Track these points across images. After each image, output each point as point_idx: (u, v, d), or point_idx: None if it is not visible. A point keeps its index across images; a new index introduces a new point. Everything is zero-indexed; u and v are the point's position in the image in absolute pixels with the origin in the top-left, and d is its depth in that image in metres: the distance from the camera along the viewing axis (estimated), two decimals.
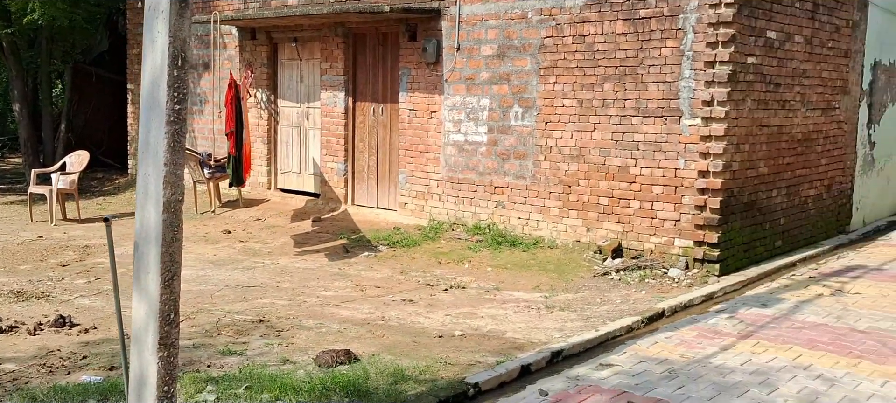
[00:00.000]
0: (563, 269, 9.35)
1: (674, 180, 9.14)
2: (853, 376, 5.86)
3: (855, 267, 9.60)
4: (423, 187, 11.81)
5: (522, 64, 10.37)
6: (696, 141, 8.88)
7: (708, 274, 8.92)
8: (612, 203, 9.68)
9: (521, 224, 10.59)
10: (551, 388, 5.61)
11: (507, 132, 10.65)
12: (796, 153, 10.22)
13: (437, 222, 11.46)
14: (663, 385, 5.66)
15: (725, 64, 8.61)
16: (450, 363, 6.07)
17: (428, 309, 7.82)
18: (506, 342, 6.72)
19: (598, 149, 9.73)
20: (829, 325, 7.18)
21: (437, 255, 10.17)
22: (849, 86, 11.26)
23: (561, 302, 8.06)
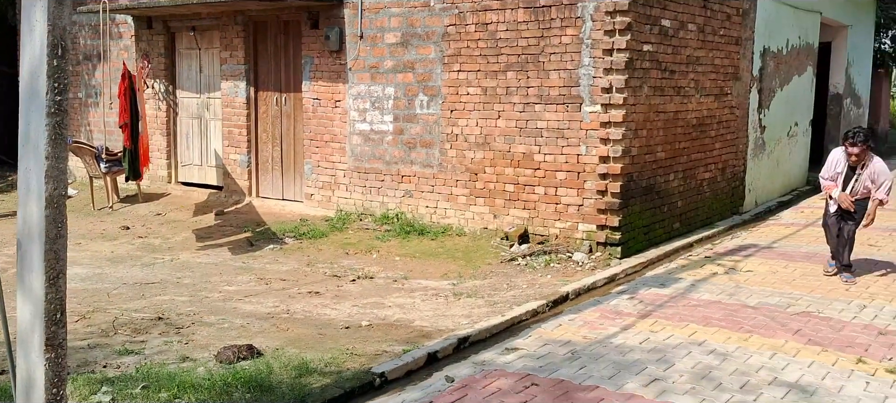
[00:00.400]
0: (471, 256, 9.42)
1: (576, 166, 9.32)
2: (744, 350, 6.11)
3: (747, 247, 10.02)
4: (330, 177, 11.68)
5: (426, 52, 10.37)
6: (597, 127, 9.08)
7: (610, 257, 9.14)
8: (517, 189, 9.80)
9: (429, 212, 10.61)
10: (458, 374, 5.64)
11: (413, 121, 10.63)
12: (691, 138, 10.58)
13: (345, 212, 11.36)
14: (566, 366, 5.77)
15: (622, 52, 8.83)
16: (356, 353, 6.03)
17: (335, 300, 7.75)
18: (413, 330, 6.72)
19: (503, 136, 9.83)
20: (722, 302, 7.47)
21: (344, 246, 10.08)
22: (740, 72, 11.72)
23: (469, 289, 8.11)
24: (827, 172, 8.19)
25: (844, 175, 8.03)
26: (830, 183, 8.15)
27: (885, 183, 7.87)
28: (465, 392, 5.28)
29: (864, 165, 7.90)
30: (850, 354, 6.01)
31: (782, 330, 6.60)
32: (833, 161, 8.13)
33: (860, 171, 7.92)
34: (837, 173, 8.07)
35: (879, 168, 7.89)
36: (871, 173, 7.88)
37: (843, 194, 8.00)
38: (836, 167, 8.08)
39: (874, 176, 7.87)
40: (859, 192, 7.98)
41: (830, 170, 8.14)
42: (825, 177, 8.22)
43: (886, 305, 7.32)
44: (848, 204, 7.96)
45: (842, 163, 8.03)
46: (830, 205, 8.24)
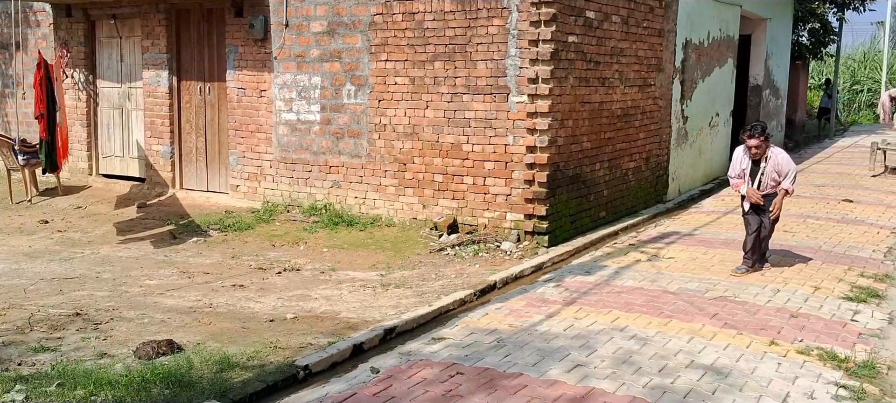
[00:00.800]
0: (400, 247, 9.40)
1: (504, 156, 9.39)
2: (663, 334, 6.26)
3: (670, 234, 10.26)
4: (256, 168, 11.50)
5: (353, 41, 10.29)
6: (524, 117, 9.15)
7: (538, 246, 9.24)
8: (446, 179, 9.82)
9: (357, 203, 10.54)
10: (383, 365, 5.63)
11: (340, 110, 10.54)
12: (616, 128, 10.77)
13: (272, 204, 11.21)
14: (491, 354, 5.82)
15: (548, 42, 8.91)
16: (280, 347, 5.96)
17: (259, 293, 7.64)
18: (340, 322, 6.67)
19: (431, 126, 9.83)
20: (644, 288, 7.64)
21: (271, 238, 9.95)
22: (663, 63, 11.97)
23: (397, 280, 8.09)
24: (733, 170, 8.24)
25: (750, 170, 8.07)
26: (738, 180, 8.21)
27: (789, 173, 7.97)
28: (389, 383, 5.27)
29: (766, 158, 7.98)
30: (764, 336, 6.22)
31: (700, 314, 6.78)
32: (738, 158, 8.18)
33: (764, 164, 7.99)
34: (743, 169, 8.12)
35: (782, 159, 8.00)
36: (775, 165, 7.96)
37: (751, 189, 8.05)
38: (741, 164, 8.13)
39: (779, 167, 7.96)
40: (767, 185, 8.04)
41: (736, 168, 8.19)
42: (732, 175, 8.27)
43: (799, 289, 7.59)
44: (756, 198, 8.03)
45: (746, 158, 8.08)
46: (744, 203, 8.28)
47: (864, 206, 12.25)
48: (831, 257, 8.90)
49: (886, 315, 6.90)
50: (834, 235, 10.08)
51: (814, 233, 10.17)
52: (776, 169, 7.97)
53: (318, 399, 5.05)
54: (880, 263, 8.72)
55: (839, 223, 10.91)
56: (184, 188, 12.44)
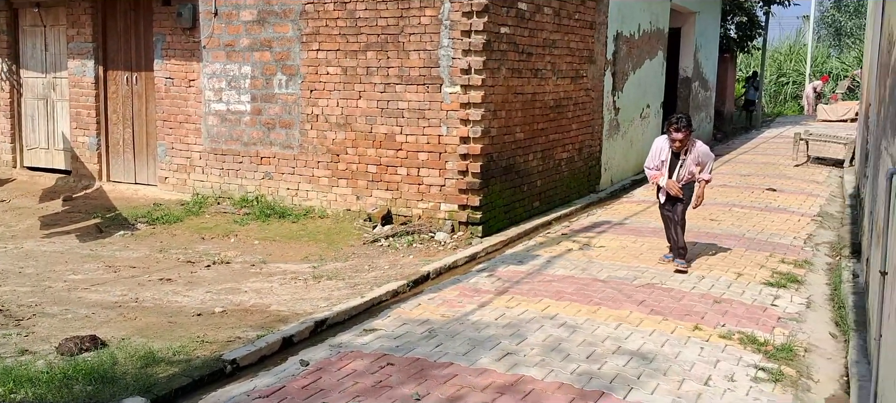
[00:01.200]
0: (334, 238, 9.34)
1: (438, 146, 9.40)
2: (592, 321, 6.36)
3: (602, 223, 10.43)
4: (185, 160, 11.27)
5: (284, 30, 10.15)
6: (457, 108, 9.18)
7: (472, 236, 9.29)
8: (380, 170, 9.79)
9: (290, 194, 10.43)
10: (313, 357, 5.59)
11: (271, 100, 10.40)
12: (549, 119, 10.88)
13: (202, 196, 11.01)
14: (423, 344, 5.83)
15: (480, 33, 8.95)
16: (207, 341, 5.86)
17: (187, 287, 7.50)
18: (270, 315, 6.60)
19: (364, 116, 9.78)
20: (575, 277, 7.75)
21: (200, 230, 9.77)
22: (594, 55, 12.14)
23: (329, 272, 8.04)
24: (652, 162, 8.11)
25: (669, 162, 8.00)
26: (656, 172, 8.08)
27: (708, 163, 8.03)
28: (319, 375, 5.24)
29: (687, 150, 7.94)
30: (688, 322, 6.38)
31: (628, 301, 6.91)
32: (657, 149, 8.07)
33: (684, 157, 7.94)
34: (662, 161, 8.03)
35: (702, 150, 8.00)
36: (695, 157, 7.94)
37: (671, 181, 7.97)
38: (661, 155, 8.04)
39: (699, 159, 7.96)
40: (685, 177, 8.00)
41: (655, 160, 8.07)
42: (650, 166, 8.14)
43: (723, 275, 7.81)
44: (676, 190, 7.95)
45: (665, 150, 8.00)
46: (660, 195, 8.18)
47: (786, 195, 12.65)
48: (754, 244, 9.17)
49: (805, 299, 7.15)
50: (757, 223, 10.39)
51: (738, 222, 10.46)
52: (696, 160, 7.96)
53: (246, 393, 4.99)
54: (800, 249, 9.02)
55: (763, 211, 11.25)
56: (111, 180, 12.13)
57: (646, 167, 8.25)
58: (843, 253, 8.76)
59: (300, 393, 4.95)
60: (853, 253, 8.56)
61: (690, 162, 7.96)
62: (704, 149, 8.05)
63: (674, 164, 8.01)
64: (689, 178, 8.03)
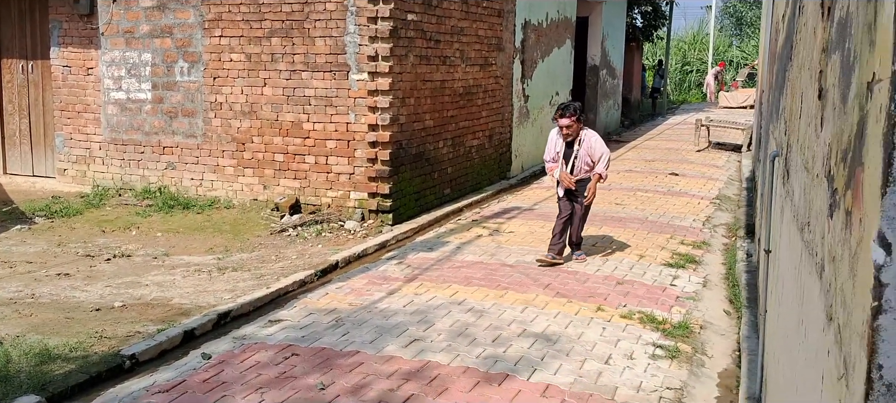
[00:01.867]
0: (240, 229, 9.16)
1: (346, 134, 9.32)
2: (499, 305, 6.44)
3: (511, 209, 10.56)
4: (85, 151, 10.85)
5: (185, 16, 9.87)
6: (365, 95, 9.12)
7: (382, 224, 9.26)
8: (287, 159, 9.64)
9: (194, 185, 10.17)
10: (215, 350, 5.48)
11: (173, 88, 10.11)
12: (459, 106, 10.93)
13: (102, 188, 10.62)
14: (329, 334, 5.79)
15: (387, 20, 8.90)
16: (106, 336, 5.68)
17: (86, 281, 7.23)
18: (171, 309, 6.43)
19: (269, 104, 9.61)
20: (484, 262, 7.82)
21: (101, 223, 9.43)
22: (503, 43, 12.25)
23: (235, 263, 7.88)
24: (548, 154, 7.88)
25: (563, 153, 7.75)
26: (552, 164, 7.86)
27: (603, 157, 7.68)
28: (221, 368, 5.13)
29: (579, 140, 7.66)
30: (592, 303, 6.53)
31: (534, 285, 7.02)
32: (552, 141, 7.81)
33: (578, 147, 7.67)
34: (557, 153, 7.78)
35: (596, 143, 7.69)
36: (588, 148, 7.66)
37: (564, 173, 7.73)
38: (556, 147, 7.78)
39: (592, 151, 7.67)
40: (581, 170, 7.73)
41: (551, 151, 7.83)
42: (547, 159, 7.91)
43: (626, 257, 8.02)
44: (568, 182, 7.69)
45: (560, 141, 7.73)
46: (559, 188, 7.90)
47: (688, 179, 13.09)
48: (656, 227, 9.45)
49: (702, 278, 7.41)
50: (660, 206, 10.71)
51: (642, 205, 10.76)
52: (589, 153, 7.67)
53: (145, 388, 4.85)
54: (699, 231, 9.35)
55: (665, 195, 11.60)
56: (7, 173, 11.57)
57: (544, 159, 8.05)
58: (738, 234, 9.13)
59: (201, 387, 4.84)
60: (748, 234, 8.92)
61: (584, 153, 7.68)
62: (598, 142, 7.74)
63: (568, 156, 7.74)
64: (585, 171, 7.74)
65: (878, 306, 1.28)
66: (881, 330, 1.28)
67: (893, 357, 1.28)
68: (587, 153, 7.67)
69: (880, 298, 1.28)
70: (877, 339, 1.28)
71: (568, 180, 7.69)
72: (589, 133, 7.71)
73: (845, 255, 1.60)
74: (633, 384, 5.00)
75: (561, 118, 7.56)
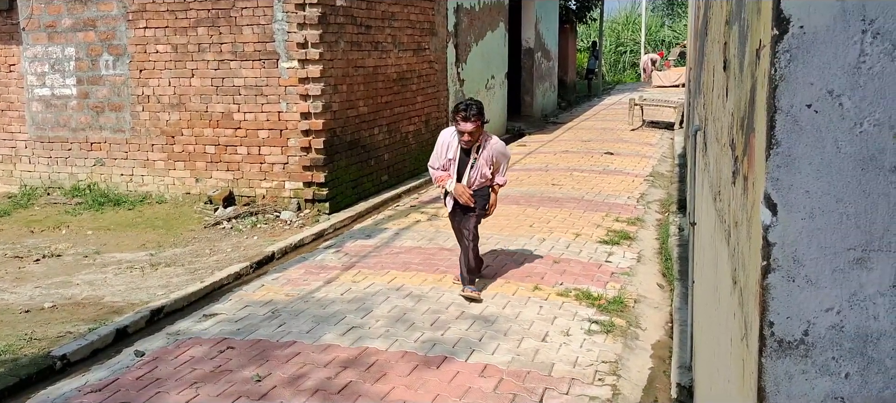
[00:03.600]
0: (173, 224, 8.99)
1: (278, 124, 9.21)
2: (437, 290, 6.47)
3: None
4: (10, 150, 10.51)
5: (108, 8, 9.60)
6: (296, 83, 9.02)
7: (319, 213, 9.19)
8: (219, 151, 9.49)
9: (124, 181, 9.94)
10: (149, 348, 5.38)
11: (98, 83, 9.84)
12: (393, 92, 10.90)
13: (30, 187, 10.31)
14: (265, 325, 5.73)
15: (315, 6, 8.81)
16: (36, 338, 5.53)
17: (14, 283, 7.02)
18: (103, 307, 6.29)
19: (198, 95, 9.43)
20: (422, 248, 7.84)
21: (29, 224, 9.15)
22: (436, 27, 12.24)
23: (168, 258, 7.74)
24: (437, 160, 6.39)
25: (458, 160, 6.29)
26: (441, 173, 6.37)
27: (503, 164, 6.48)
28: (155, 365, 5.05)
29: (479, 147, 6.25)
30: (529, 283, 6.60)
31: None
32: (443, 145, 6.34)
33: (476, 155, 6.25)
34: (449, 159, 6.31)
35: (498, 148, 6.34)
36: (489, 156, 6.28)
37: (460, 186, 6.28)
38: (448, 152, 6.31)
39: (494, 158, 6.34)
40: (477, 180, 6.34)
41: (440, 157, 6.35)
42: (435, 166, 6.42)
43: (562, 236, 8.12)
44: (466, 197, 6.29)
45: (454, 146, 6.27)
46: (447, 201, 6.50)
47: (622, 158, 13.31)
48: (592, 206, 9.59)
49: (636, 254, 7.56)
50: (595, 185, 10.87)
51: (578, 185, 10.91)
52: (490, 160, 6.31)
53: (77, 388, 4.74)
54: (633, 208, 9.52)
55: (601, 174, 11.78)
56: None
57: (430, 166, 6.51)
58: (671, 210, 9.33)
59: (135, 385, 4.75)
60: (680, 209, 9.12)
61: (483, 162, 6.26)
62: (500, 147, 6.39)
63: (463, 164, 6.29)
64: (482, 182, 6.36)
65: (766, 265, 1.33)
66: (770, 288, 1.33)
67: (783, 314, 1.33)
68: (487, 161, 6.29)
69: (769, 258, 1.33)
70: (767, 298, 1.33)
71: (466, 195, 6.27)
72: (489, 137, 6.33)
73: (744, 219, 1.65)
74: (569, 359, 5.09)
75: (464, 121, 6.05)
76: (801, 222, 1.31)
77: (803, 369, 1.33)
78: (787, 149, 1.30)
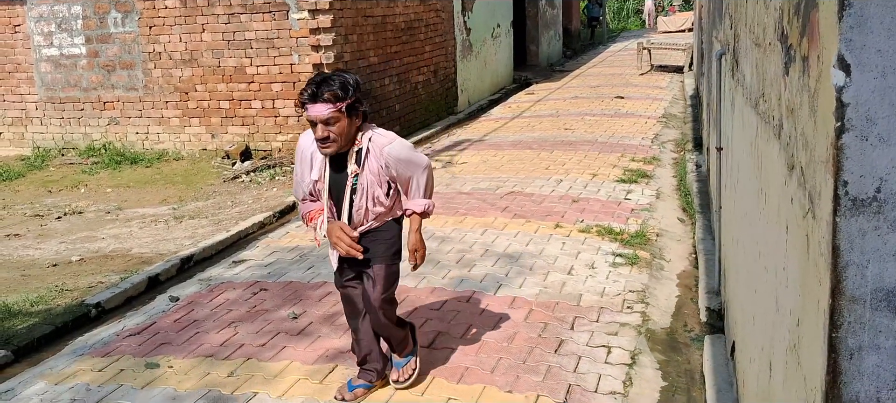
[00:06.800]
0: (192, 179, 9.05)
1: (291, 76, 9.22)
2: (460, 230, 6.53)
3: (462, 142, 10.62)
4: (20, 112, 10.54)
5: None
6: (307, 34, 9.00)
7: None
8: (234, 106, 9.51)
9: (140, 139, 9.98)
10: (182, 293, 5.47)
11: (108, 41, 9.83)
12: (401, 41, 10.87)
13: (43, 149, 10.36)
14: (295, 269, 5.81)
15: None
16: (67, 289, 5.62)
17: (38, 240, 7.10)
18: (132, 258, 6.38)
19: (210, 50, 9.43)
20: (439, 192, 7.87)
21: (46, 184, 9.22)
22: None
23: (191, 212, 7.81)
24: (299, 186, 3.77)
25: (329, 179, 3.63)
26: (311, 205, 3.77)
27: (417, 176, 3.70)
28: (191, 309, 5.14)
29: (360, 153, 3.56)
30: (550, 221, 6.66)
31: (492, 209, 7.13)
32: (304, 159, 3.69)
33: (356, 169, 3.57)
34: (313, 181, 3.68)
35: (398, 153, 3.61)
36: (380, 168, 3.59)
37: (338, 227, 3.61)
38: (312, 170, 3.67)
39: (391, 167, 3.60)
40: (369, 213, 3.66)
41: (304, 180, 3.72)
42: (298, 195, 3.83)
43: (579, 177, 8.16)
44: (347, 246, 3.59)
45: (318, 159, 3.63)
46: (331, 255, 3.86)
47: (633, 101, 13.29)
48: (607, 147, 9.62)
49: (654, 191, 7.61)
50: (608, 128, 10.88)
51: (591, 128, 10.92)
52: (385, 175, 3.62)
53: (115, 333, 4.84)
54: (648, 148, 9.55)
55: (613, 117, 11.78)
56: None
57: (295, 196, 3.93)
58: (686, 148, 9.35)
59: (173, 327, 4.84)
60: (695, 147, 9.15)
61: (372, 178, 3.60)
62: (400, 150, 3.63)
63: (339, 185, 3.64)
64: (378, 215, 3.69)
65: (840, 126, 1.37)
66: (844, 148, 1.37)
67: (856, 174, 1.38)
68: (379, 177, 3.61)
69: (842, 118, 1.37)
70: (841, 158, 1.38)
71: (347, 243, 3.59)
72: (379, 135, 3.62)
73: (804, 100, 1.69)
74: (596, 290, 5.16)
75: (310, 102, 3.44)
76: (874, 81, 1.35)
77: (876, 225, 1.38)
78: (859, 10, 1.34)
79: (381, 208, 3.68)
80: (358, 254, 3.60)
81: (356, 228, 3.67)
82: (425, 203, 3.76)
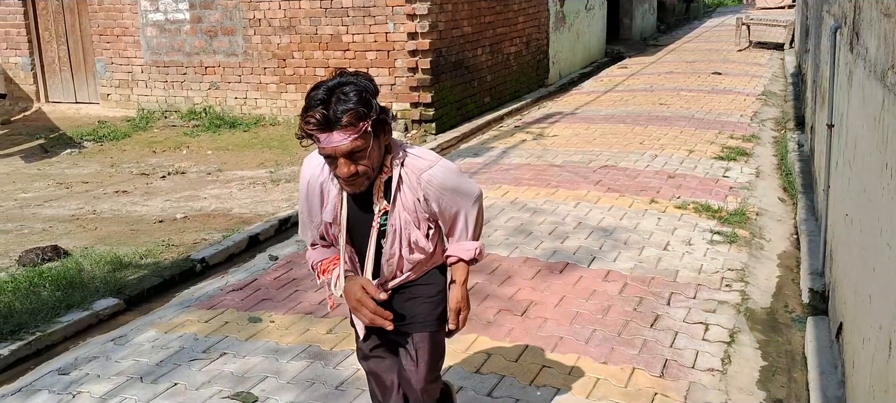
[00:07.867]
0: (288, 144, 9.26)
1: (386, 45, 9.30)
2: (552, 202, 6.50)
3: (553, 114, 10.52)
4: (127, 75, 10.96)
5: None
6: (402, 3, 9.05)
7: (426, 134, 9.30)
8: (329, 73, 9.57)
9: (238, 104, 10.26)
10: (281, 253, 5.63)
11: (210, 7, 10.10)
12: (495, 12, 10.81)
13: (148, 111, 10.77)
14: None
15: None
16: (173, 244, 5.86)
17: (145, 197, 7.41)
18: (232, 218, 6.59)
19: (308, 18, 9.58)
20: (531, 164, 7.85)
21: (150, 145, 9.59)
22: None
23: (287, 175, 8.00)
24: (306, 228, 2.70)
25: (349, 220, 2.57)
26: (321, 252, 2.71)
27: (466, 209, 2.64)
28: (289, 268, 5.29)
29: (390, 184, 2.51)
30: (645, 196, 6.55)
31: (585, 182, 7.06)
32: (311, 193, 2.60)
33: (385, 204, 2.53)
34: (328, 223, 2.60)
35: (441, 177, 2.55)
36: (417, 201, 2.54)
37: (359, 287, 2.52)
38: (325, 208, 2.59)
39: (432, 200, 2.55)
40: (404, 264, 2.62)
41: (313, 221, 2.65)
42: (306, 238, 2.74)
43: (675, 153, 7.99)
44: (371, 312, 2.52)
45: (332, 193, 2.57)
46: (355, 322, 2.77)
47: (731, 77, 12.89)
48: (703, 124, 9.37)
49: (754, 170, 7.39)
50: (705, 104, 10.60)
51: (687, 104, 10.65)
52: (423, 210, 2.57)
53: (219, 288, 5.02)
54: (747, 126, 9.26)
55: (710, 93, 11.46)
56: (50, 101, 11.76)
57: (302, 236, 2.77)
58: (787, 127, 9.03)
59: (273, 284, 5.00)
60: (797, 126, 8.82)
61: (409, 217, 2.56)
62: (446, 174, 2.58)
63: (363, 224, 2.58)
64: (416, 264, 2.66)
65: None
66: None
67: None
68: (416, 214, 2.58)
69: None
70: None
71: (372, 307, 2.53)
72: (415, 158, 2.56)
73: None
74: (693, 267, 5.07)
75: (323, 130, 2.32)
76: None
77: None
78: None
79: (420, 255, 2.62)
80: (387, 324, 2.53)
81: (386, 283, 2.63)
82: (474, 246, 2.67)
